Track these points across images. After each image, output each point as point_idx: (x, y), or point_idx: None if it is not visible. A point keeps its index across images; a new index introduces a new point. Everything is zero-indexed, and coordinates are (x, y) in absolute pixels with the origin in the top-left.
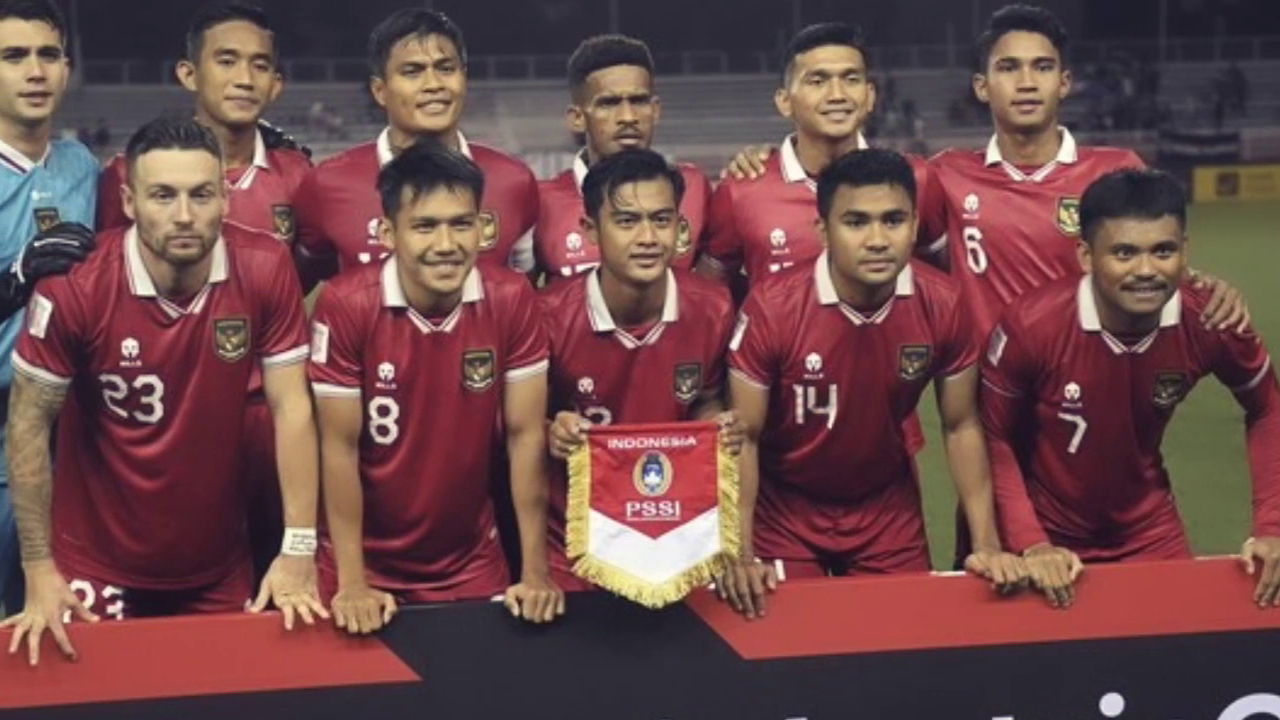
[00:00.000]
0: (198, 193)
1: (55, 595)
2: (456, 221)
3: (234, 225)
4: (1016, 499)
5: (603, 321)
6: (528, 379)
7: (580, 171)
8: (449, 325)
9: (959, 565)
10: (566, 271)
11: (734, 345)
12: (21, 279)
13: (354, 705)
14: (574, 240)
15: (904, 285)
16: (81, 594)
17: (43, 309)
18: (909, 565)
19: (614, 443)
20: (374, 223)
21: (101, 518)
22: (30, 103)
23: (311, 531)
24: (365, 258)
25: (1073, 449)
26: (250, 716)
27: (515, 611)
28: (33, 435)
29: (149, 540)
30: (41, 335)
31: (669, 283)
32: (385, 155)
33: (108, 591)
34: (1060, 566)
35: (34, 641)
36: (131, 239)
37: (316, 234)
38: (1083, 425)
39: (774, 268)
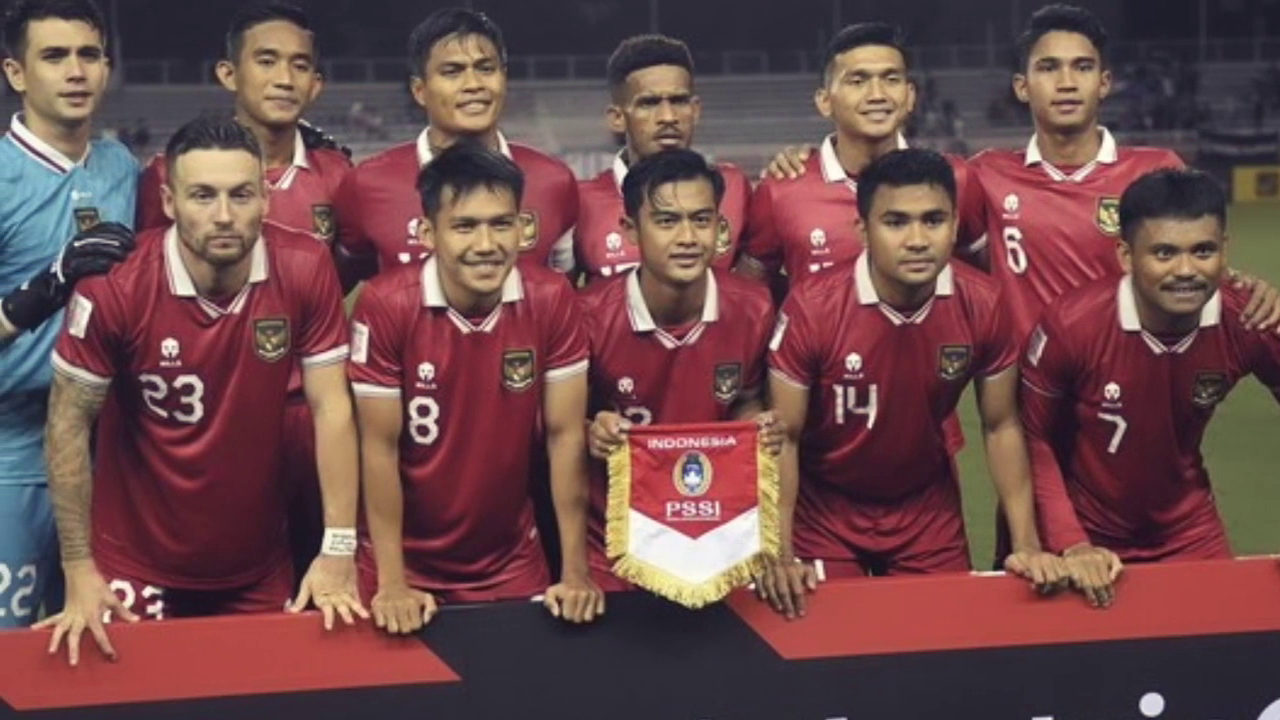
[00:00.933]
0: (237, 193)
1: (95, 595)
2: (496, 221)
3: (274, 225)
4: (1056, 499)
5: (643, 321)
6: (568, 379)
7: (620, 171)
8: (489, 325)
9: (999, 565)
10: (606, 271)
11: (774, 345)
12: (61, 279)
13: (394, 705)
14: (614, 240)
15: (944, 285)
16: (121, 594)
17: (82, 309)
18: (949, 565)
19: (654, 443)
20: (414, 223)
21: (141, 518)
22: (70, 103)
23: (351, 531)
24: (405, 258)
25: (1113, 449)
26: (290, 717)
27: (555, 611)
28: (72, 435)
29: (189, 540)
30: (81, 335)
31: (709, 283)
32: (425, 155)
33: (147, 591)
34: (1100, 566)
35: (74, 641)
36: (171, 239)
37: (356, 234)
38: (1123, 425)
39: (814, 268)
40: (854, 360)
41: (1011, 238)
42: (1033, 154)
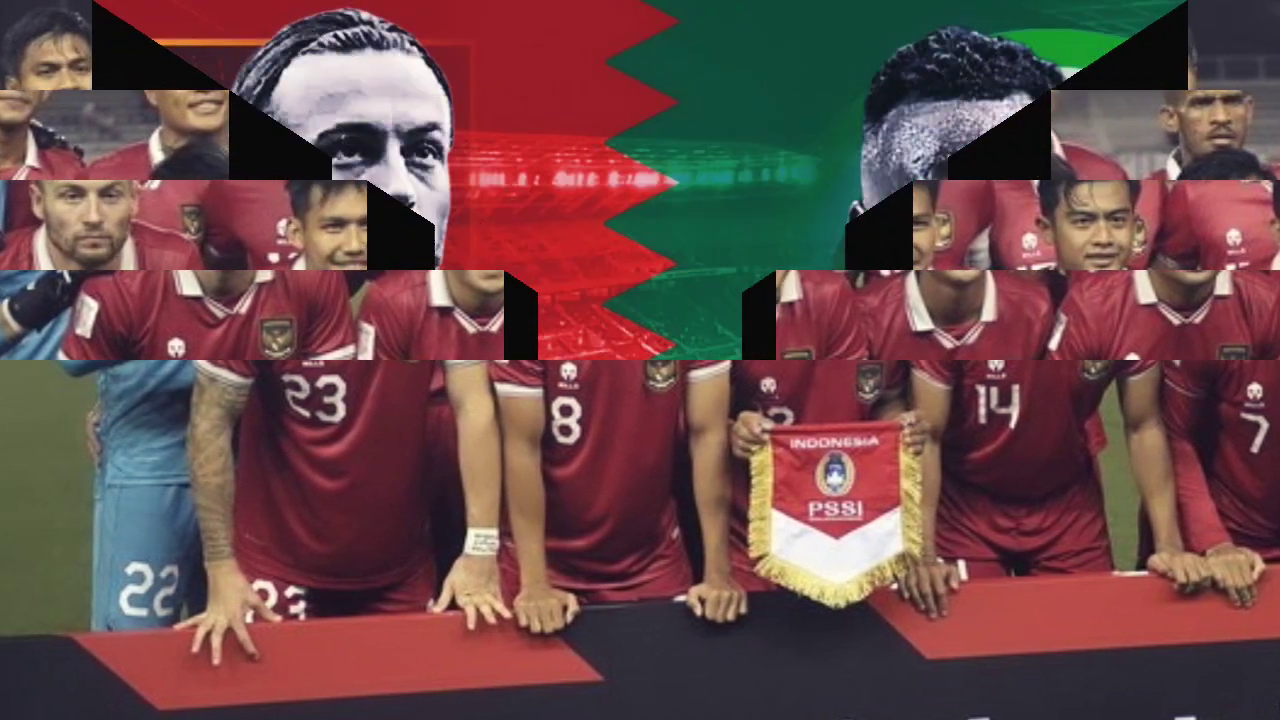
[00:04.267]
0: None
1: (237, 595)
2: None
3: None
4: (1199, 499)
5: (921, 321)
6: (710, 379)
7: (1173, 171)
8: None
9: (1141, 565)
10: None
11: (1053, 345)
12: (68, 278)
13: (536, 705)
14: (1030, 240)
15: (1223, 285)
16: (264, 594)
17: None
18: (1091, 565)
19: (796, 442)
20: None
21: (284, 518)
22: None
23: (494, 531)
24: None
25: (1255, 449)
26: (432, 716)
27: (698, 611)
28: (215, 435)
29: (331, 540)
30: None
31: (988, 283)
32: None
33: (290, 591)
34: (1243, 566)
35: (216, 641)
36: None
37: (225, 234)
38: (1265, 425)
39: (1229, 268)
40: (997, 362)
41: None
42: None
